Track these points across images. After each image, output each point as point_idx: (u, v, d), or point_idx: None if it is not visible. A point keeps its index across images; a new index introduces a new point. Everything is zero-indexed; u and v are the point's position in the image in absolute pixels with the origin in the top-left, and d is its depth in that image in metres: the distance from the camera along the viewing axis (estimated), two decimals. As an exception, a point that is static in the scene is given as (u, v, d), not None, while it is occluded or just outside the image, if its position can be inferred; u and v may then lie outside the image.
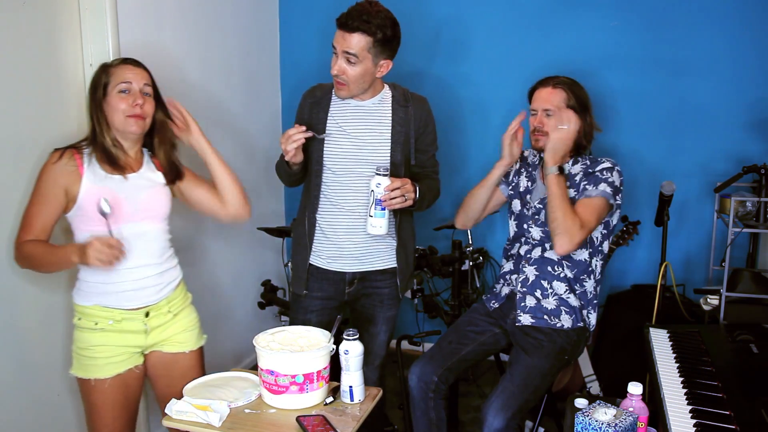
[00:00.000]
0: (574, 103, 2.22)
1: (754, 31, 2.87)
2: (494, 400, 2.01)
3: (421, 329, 3.26)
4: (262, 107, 3.40)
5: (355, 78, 2.06)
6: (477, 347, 2.29)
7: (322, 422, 1.70)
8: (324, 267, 2.22)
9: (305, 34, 3.49)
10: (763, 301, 2.33)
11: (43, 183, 1.82)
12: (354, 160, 2.14)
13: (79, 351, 1.88)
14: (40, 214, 1.82)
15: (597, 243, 2.25)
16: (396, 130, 2.16)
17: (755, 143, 2.91)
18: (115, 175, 1.86)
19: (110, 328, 1.87)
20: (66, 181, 1.81)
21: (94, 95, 1.84)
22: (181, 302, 2.03)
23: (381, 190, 2.02)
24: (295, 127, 2.05)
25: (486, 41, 3.24)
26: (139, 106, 1.84)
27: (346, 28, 2.00)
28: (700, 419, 1.60)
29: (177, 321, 2.00)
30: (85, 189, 1.82)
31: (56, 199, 1.82)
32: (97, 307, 1.87)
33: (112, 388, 1.88)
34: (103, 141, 1.84)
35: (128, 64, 1.88)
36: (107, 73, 1.84)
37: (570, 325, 2.21)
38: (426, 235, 3.13)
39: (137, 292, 1.90)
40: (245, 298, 3.33)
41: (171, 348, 1.99)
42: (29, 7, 2.04)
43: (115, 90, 1.83)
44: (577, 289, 2.24)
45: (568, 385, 2.85)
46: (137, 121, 1.85)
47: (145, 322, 1.92)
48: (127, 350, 1.91)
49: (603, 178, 2.18)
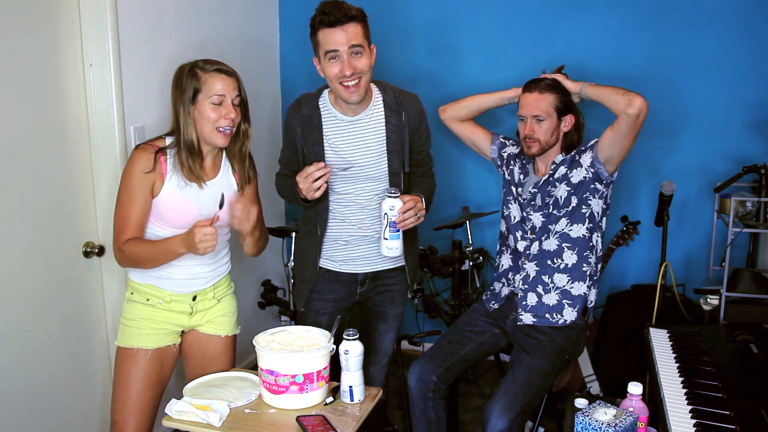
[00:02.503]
0: (561, 105, 2.23)
1: (754, 32, 2.87)
2: (497, 401, 2.01)
3: (421, 329, 3.26)
4: (262, 107, 3.40)
5: (367, 68, 1.99)
6: (476, 347, 2.29)
7: (322, 422, 1.70)
8: (336, 270, 2.21)
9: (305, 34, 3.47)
10: (763, 301, 2.33)
11: (132, 183, 1.86)
12: (354, 179, 2.11)
13: (125, 322, 1.97)
14: (134, 213, 1.87)
15: (597, 219, 2.25)
16: (391, 140, 2.11)
17: (755, 143, 2.91)
18: (194, 183, 1.90)
19: (159, 306, 1.97)
20: (151, 182, 1.86)
21: (182, 97, 1.85)
22: (225, 289, 2.11)
23: (395, 213, 1.98)
24: (314, 165, 1.96)
25: (485, 40, 3.23)
26: (231, 120, 1.87)
27: (337, 24, 1.93)
28: (700, 419, 1.60)
29: (219, 305, 2.07)
30: (165, 192, 1.88)
31: (145, 197, 1.87)
32: (150, 286, 1.96)
33: (148, 362, 1.95)
34: (189, 143, 1.86)
35: (222, 73, 1.87)
36: (197, 79, 1.84)
37: (573, 318, 2.21)
38: (426, 235, 3.13)
39: (189, 281, 1.99)
40: (245, 298, 3.33)
41: (208, 329, 2.06)
42: (29, 7, 2.04)
43: (207, 100, 1.84)
44: (584, 269, 2.24)
45: (568, 385, 2.85)
46: (225, 136, 1.88)
47: (191, 305, 2.00)
48: (171, 327, 1.99)
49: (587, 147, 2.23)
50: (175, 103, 1.88)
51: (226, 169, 2.00)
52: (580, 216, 2.23)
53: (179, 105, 1.86)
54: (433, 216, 3.25)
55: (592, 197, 2.22)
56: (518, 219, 2.34)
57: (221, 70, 1.88)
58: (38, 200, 2.09)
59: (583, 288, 2.23)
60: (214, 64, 1.89)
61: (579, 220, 2.23)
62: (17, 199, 2.02)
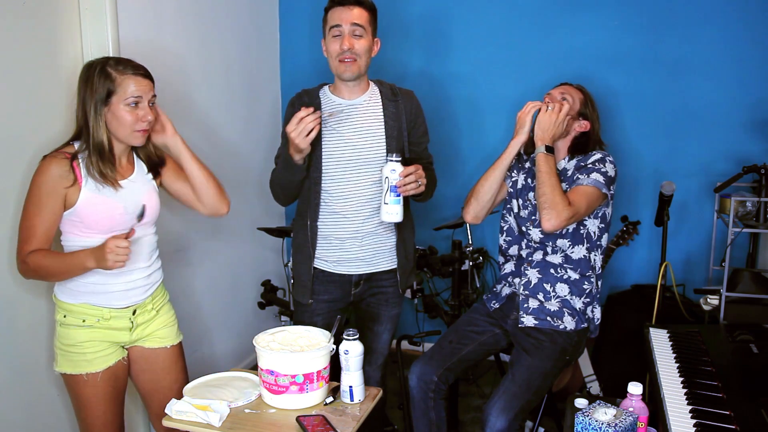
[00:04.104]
0: (586, 107, 2.24)
1: (754, 32, 2.87)
2: (496, 401, 2.01)
3: (421, 329, 3.26)
4: (262, 106, 3.40)
5: (364, 51, 2.08)
6: (477, 347, 2.29)
7: (322, 422, 1.70)
8: (330, 270, 2.22)
9: (305, 34, 3.49)
10: (763, 301, 2.33)
11: (41, 192, 1.76)
12: (352, 163, 2.13)
13: (64, 348, 1.87)
14: (41, 223, 1.77)
15: (594, 238, 2.24)
16: (389, 125, 2.16)
17: (755, 143, 2.91)
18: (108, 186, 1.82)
19: (98, 325, 1.88)
20: (64, 190, 1.77)
21: (92, 98, 1.76)
22: (162, 299, 2.05)
23: (396, 176, 2.00)
24: (304, 110, 1.96)
25: (484, 40, 3.23)
26: (148, 122, 1.82)
27: (345, 3, 2.06)
28: (700, 419, 1.60)
29: (158, 317, 2.02)
30: (85, 198, 1.79)
31: (56, 207, 1.77)
32: (85, 305, 1.86)
33: (104, 381, 1.89)
34: (99, 145, 1.78)
35: (138, 75, 1.80)
36: (111, 80, 1.76)
37: (573, 327, 2.21)
38: (426, 235, 3.14)
39: (127, 292, 1.91)
40: (245, 298, 3.33)
41: (152, 343, 2.00)
42: (29, 7, 2.04)
43: (122, 102, 1.77)
44: (585, 287, 2.23)
45: (568, 385, 2.85)
46: (144, 135, 1.85)
47: (131, 319, 1.94)
48: (113, 345, 1.93)
49: (595, 169, 2.16)
50: (83, 104, 1.77)
51: (140, 164, 1.95)
52: (579, 237, 2.22)
53: (88, 106, 1.76)
54: (433, 216, 3.26)
55: (587, 217, 2.21)
56: (517, 233, 2.35)
57: (137, 72, 1.79)
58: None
59: (579, 303, 2.23)
60: (128, 64, 1.80)
61: (578, 241, 2.22)
62: (15, 200, 2.02)
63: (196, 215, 2.14)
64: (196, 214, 2.12)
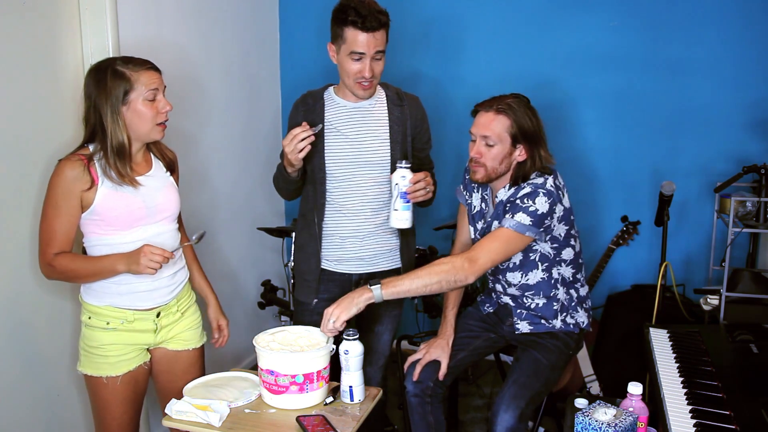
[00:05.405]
0: (517, 132, 1.99)
1: (754, 31, 2.87)
2: (505, 392, 1.99)
3: (421, 329, 3.26)
4: (262, 107, 3.40)
5: (381, 72, 2.08)
6: (472, 351, 2.27)
7: (322, 422, 1.70)
8: (330, 269, 2.22)
9: (305, 34, 3.49)
10: (763, 301, 2.33)
11: (57, 194, 1.77)
12: (355, 164, 2.13)
13: (88, 349, 1.88)
14: (61, 225, 1.78)
15: (551, 257, 2.11)
16: (394, 129, 2.15)
17: (755, 143, 2.91)
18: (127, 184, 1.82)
19: (122, 327, 1.87)
20: (81, 192, 1.77)
21: (108, 100, 1.75)
22: (188, 301, 2.04)
23: (406, 183, 1.99)
24: (301, 126, 1.98)
25: (484, 41, 3.23)
26: (167, 112, 1.84)
27: (369, 29, 1.96)
28: (700, 419, 1.60)
29: (183, 319, 2.01)
30: (102, 195, 1.79)
31: (73, 209, 1.78)
32: (109, 307, 1.86)
33: (123, 385, 1.89)
34: (119, 146, 1.78)
35: (149, 69, 1.81)
36: (126, 79, 1.76)
37: (564, 327, 2.19)
38: (426, 235, 3.13)
39: (151, 293, 1.90)
40: (245, 298, 3.33)
41: (175, 345, 2.00)
42: (29, 7, 2.04)
43: (140, 98, 1.77)
44: (555, 306, 2.17)
45: (568, 385, 2.85)
46: (164, 128, 1.86)
47: (156, 321, 1.93)
48: (137, 348, 1.92)
49: (522, 207, 1.96)
50: (98, 108, 1.76)
51: (156, 161, 1.95)
52: (531, 263, 2.11)
53: (104, 108, 1.75)
54: (433, 216, 3.26)
55: (535, 242, 2.07)
56: None
57: (147, 67, 1.81)
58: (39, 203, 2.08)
59: (558, 323, 2.17)
60: (135, 61, 1.81)
61: (532, 267, 2.11)
62: (16, 201, 2.02)
63: (196, 215, 2.15)
64: (196, 214, 2.12)
